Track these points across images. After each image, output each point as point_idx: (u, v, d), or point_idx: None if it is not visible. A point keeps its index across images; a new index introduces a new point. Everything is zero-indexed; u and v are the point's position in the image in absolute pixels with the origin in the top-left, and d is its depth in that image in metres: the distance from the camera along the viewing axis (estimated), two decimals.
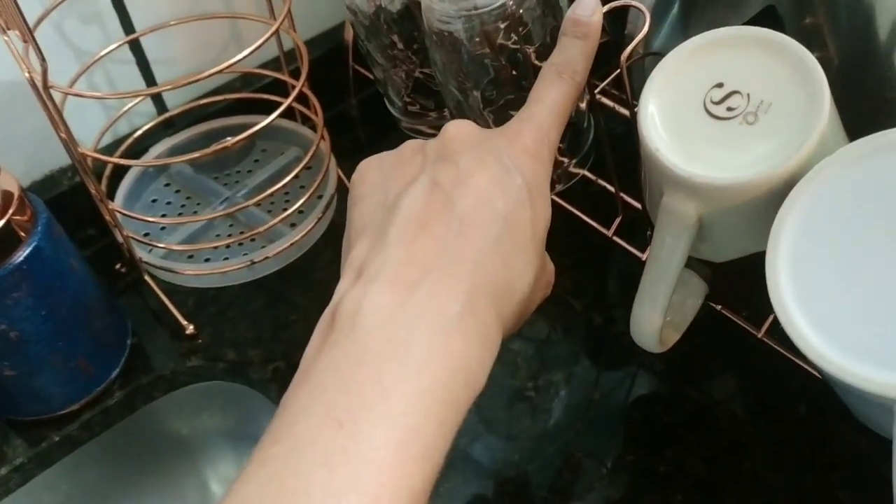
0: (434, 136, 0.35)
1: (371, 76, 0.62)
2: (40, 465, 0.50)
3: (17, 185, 0.45)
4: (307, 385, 0.27)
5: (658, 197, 0.36)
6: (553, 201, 0.55)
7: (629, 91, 0.41)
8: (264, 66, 0.62)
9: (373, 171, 0.34)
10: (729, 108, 0.34)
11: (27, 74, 0.44)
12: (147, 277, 0.55)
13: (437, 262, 0.29)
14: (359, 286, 0.29)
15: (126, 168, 0.59)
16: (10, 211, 0.44)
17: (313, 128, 0.61)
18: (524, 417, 0.49)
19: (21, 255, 0.45)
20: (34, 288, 0.45)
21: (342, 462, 0.25)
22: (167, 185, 0.61)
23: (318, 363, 0.28)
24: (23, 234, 0.45)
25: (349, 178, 0.62)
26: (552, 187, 0.52)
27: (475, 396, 0.29)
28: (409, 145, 0.35)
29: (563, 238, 0.58)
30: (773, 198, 0.32)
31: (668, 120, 0.35)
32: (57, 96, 0.46)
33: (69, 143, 0.48)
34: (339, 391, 0.26)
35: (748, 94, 0.33)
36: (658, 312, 0.37)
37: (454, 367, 0.27)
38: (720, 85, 0.34)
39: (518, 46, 0.45)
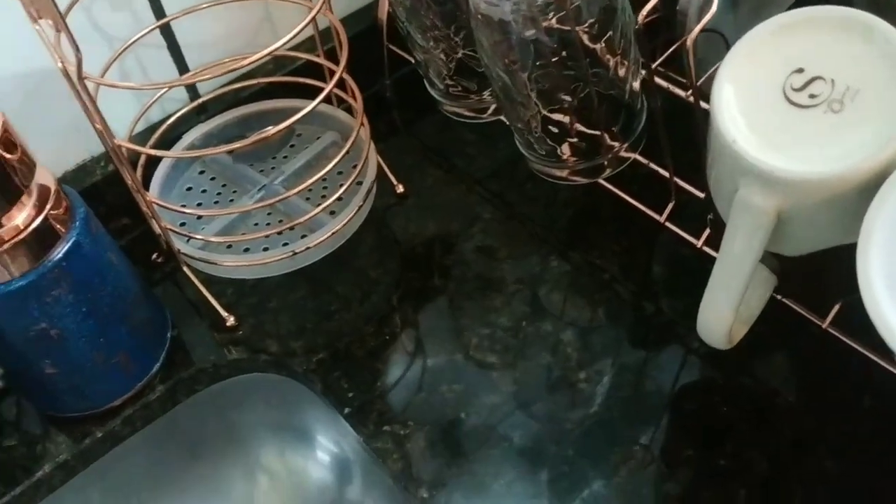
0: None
1: (407, 56, 0.60)
2: (83, 462, 0.50)
3: (53, 179, 0.44)
4: None
5: (730, 189, 0.34)
6: (600, 185, 0.53)
7: (692, 72, 0.39)
8: (297, 47, 0.60)
9: None
10: (811, 96, 0.32)
11: (60, 65, 0.43)
12: (186, 269, 0.54)
13: None
14: None
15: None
16: (48, 207, 0.43)
17: (348, 110, 0.59)
18: (574, 408, 0.47)
19: (59, 251, 0.43)
20: (74, 285, 0.44)
21: None
22: (202, 172, 0.60)
23: None
24: (61, 229, 0.44)
25: (387, 161, 0.60)
26: (601, 171, 0.51)
27: None
28: None
29: (610, 222, 0.56)
30: (862, 193, 0.30)
31: (744, 109, 0.32)
32: (90, 86, 0.45)
33: (105, 135, 0.46)
34: None
35: (832, 80, 0.31)
36: (730, 311, 0.35)
37: None
38: (800, 70, 0.32)
39: (568, 27, 0.44)
